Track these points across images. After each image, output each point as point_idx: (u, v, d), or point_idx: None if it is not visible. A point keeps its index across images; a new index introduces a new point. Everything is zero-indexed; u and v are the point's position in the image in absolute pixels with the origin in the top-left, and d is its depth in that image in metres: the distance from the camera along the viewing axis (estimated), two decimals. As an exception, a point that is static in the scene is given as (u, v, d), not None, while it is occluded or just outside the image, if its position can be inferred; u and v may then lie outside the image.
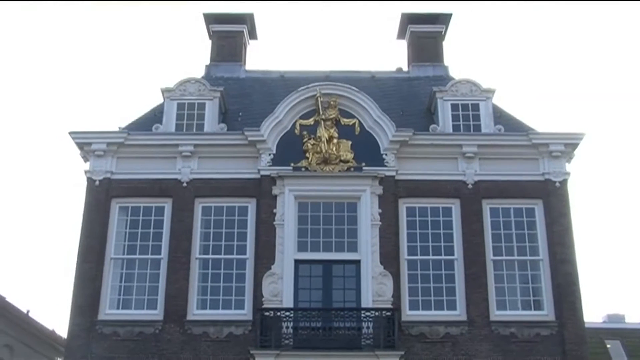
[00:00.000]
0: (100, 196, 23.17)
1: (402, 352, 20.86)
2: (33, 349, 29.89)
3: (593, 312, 43.76)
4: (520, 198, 23.27)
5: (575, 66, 69.32)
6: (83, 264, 22.51)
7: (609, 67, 67.45)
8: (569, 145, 23.48)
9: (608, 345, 35.54)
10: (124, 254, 22.95)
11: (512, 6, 62.47)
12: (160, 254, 22.71)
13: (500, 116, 24.81)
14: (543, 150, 23.42)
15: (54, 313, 62.37)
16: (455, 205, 23.15)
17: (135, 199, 23.33)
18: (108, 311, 22.22)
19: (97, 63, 66.70)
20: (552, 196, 23.15)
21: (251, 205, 23.06)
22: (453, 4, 44.60)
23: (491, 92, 24.76)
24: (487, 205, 23.16)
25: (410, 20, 29.12)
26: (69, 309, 22.19)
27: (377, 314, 21.15)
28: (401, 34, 29.92)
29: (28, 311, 29.30)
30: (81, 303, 22.10)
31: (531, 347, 21.68)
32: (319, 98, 23.54)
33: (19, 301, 39.17)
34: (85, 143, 23.56)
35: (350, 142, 23.39)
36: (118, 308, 22.41)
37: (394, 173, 23.12)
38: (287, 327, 20.98)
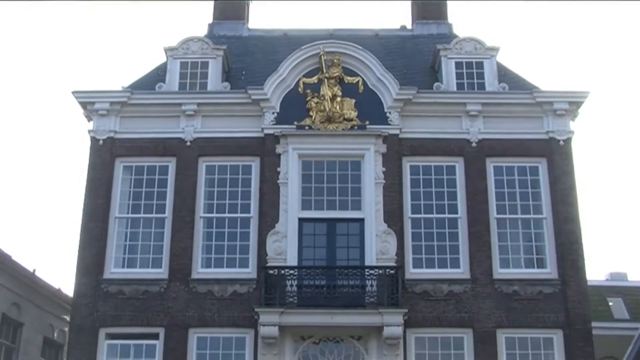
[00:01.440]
0: (105, 155, 23.19)
1: (406, 310, 20.96)
2: (40, 307, 30.09)
3: (596, 270, 44.04)
4: (524, 156, 23.23)
5: (580, 24, 68.87)
6: (88, 223, 22.59)
7: (614, 24, 66.98)
8: (573, 103, 23.40)
9: (610, 303, 35.79)
10: (128, 213, 23.02)
11: (517, -37, 61.83)
12: (164, 212, 22.77)
13: (504, 74, 24.70)
14: (547, 108, 23.34)
15: (60, 272, 62.77)
16: (458, 164, 23.13)
17: (139, 158, 23.33)
18: (113, 270, 22.33)
19: (101, 23, 66.36)
20: (556, 154, 23.11)
21: (255, 163, 23.06)
22: (457, -39, 44.15)
23: (495, 50, 24.60)
24: (490, 164, 23.14)
25: (414, -23, 28.88)
26: (74, 268, 22.34)
27: (380, 272, 21.22)
28: (405, -8, 29.67)
29: (34, 270, 29.47)
30: (87, 262, 22.23)
31: (534, 305, 21.79)
32: (322, 56, 23.44)
33: (25, 260, 39.40)
34: (88, 102, 23.53)
35: (353, 100, 23.33)
36: (123, 267, 22.52)
37: (397, 131, 23.08)
38: (291, 285, 21.07)
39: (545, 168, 23.10)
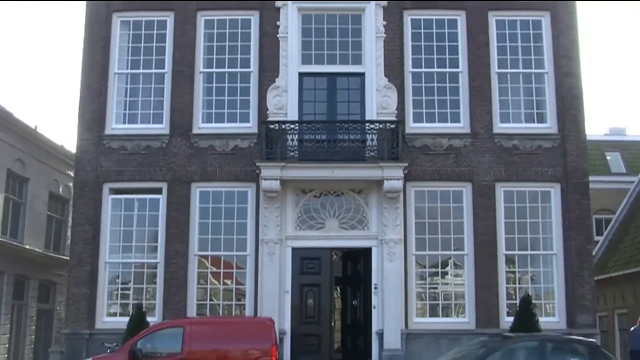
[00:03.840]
0: (101, 10, 22.82)
1: (406, 164, 21.12)
2: (44, 163, 30.50)
3: (596, 125, 44.30)
4: (527, 10, 22.84)
5: None
6: (88, 79, 22.49)
7: None
8: (580, -46, 22.89)
9: (608, 157, 36.25)
10: (127, 68, 22.84)
11: None
12: (164, 68, 22.58)
13: None
14: (552, -41, 22.84)
15: (63, 129, 63.16)
16: (460, 17, 22.75)
17: (137, 12, 22.93)
18: (115, 126, 22.38)
19: None
20: (560, 8, 22.73)
21: (254, 17, 22.69)
22: None
23: None
24: (493, 17, 22.76)
25: None
26: (76, 124, 22.43)
27: (381, 126, 21.27)
28: None
29: (36, 127, 29.67)
30: (88, 118, 22.29)
31: (533, 159, 21.99)
32: None
33: (28, 117, 39.57)
34: (82, -45, 22.99)
35: (353, -47, 22.76)
36: (124, 122, 22.56)
37: (398, -16, 22.65)
38: (292, 140, 21.14)
39: (549, 22, 22.76)
